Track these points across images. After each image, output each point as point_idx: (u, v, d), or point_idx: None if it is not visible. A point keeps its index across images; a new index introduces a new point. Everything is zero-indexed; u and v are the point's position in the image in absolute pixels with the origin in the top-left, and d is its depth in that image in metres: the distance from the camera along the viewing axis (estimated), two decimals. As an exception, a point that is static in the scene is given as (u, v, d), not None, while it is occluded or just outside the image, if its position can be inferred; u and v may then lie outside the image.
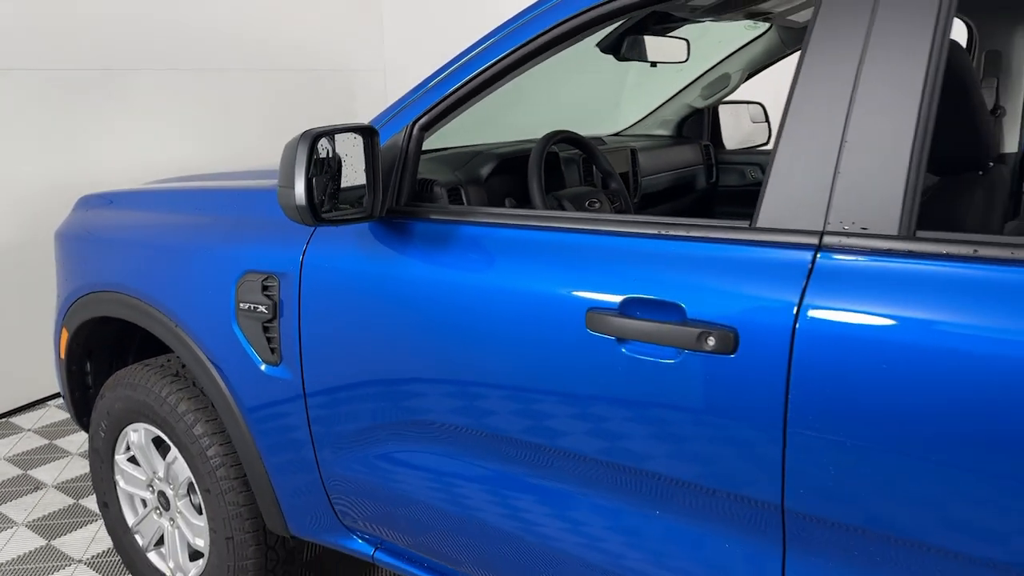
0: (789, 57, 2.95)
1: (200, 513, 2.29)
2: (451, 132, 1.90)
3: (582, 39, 1.63)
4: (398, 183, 1.74)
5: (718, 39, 2.92)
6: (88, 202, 2.57)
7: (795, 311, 1.22)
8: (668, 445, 1.36)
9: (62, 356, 2.58)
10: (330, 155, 1.55)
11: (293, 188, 1.52)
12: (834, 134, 1.24)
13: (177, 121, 4.51)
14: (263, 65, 4.99)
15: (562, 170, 2.44)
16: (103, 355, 2.62)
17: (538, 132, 2.34)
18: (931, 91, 1.18)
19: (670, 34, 2.55)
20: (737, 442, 1.29)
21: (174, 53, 4.48)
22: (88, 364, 2.62)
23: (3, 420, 3.96)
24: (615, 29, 2.36)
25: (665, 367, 1.33)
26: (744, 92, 3.19)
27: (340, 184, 1.55)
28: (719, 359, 1.28)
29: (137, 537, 2.51)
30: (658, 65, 2.39)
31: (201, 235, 2.08)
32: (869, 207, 1.20)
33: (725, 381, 1.28)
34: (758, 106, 3.23)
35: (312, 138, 1.50)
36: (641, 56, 2.23)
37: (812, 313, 1.20)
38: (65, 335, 2.52)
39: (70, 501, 3.15)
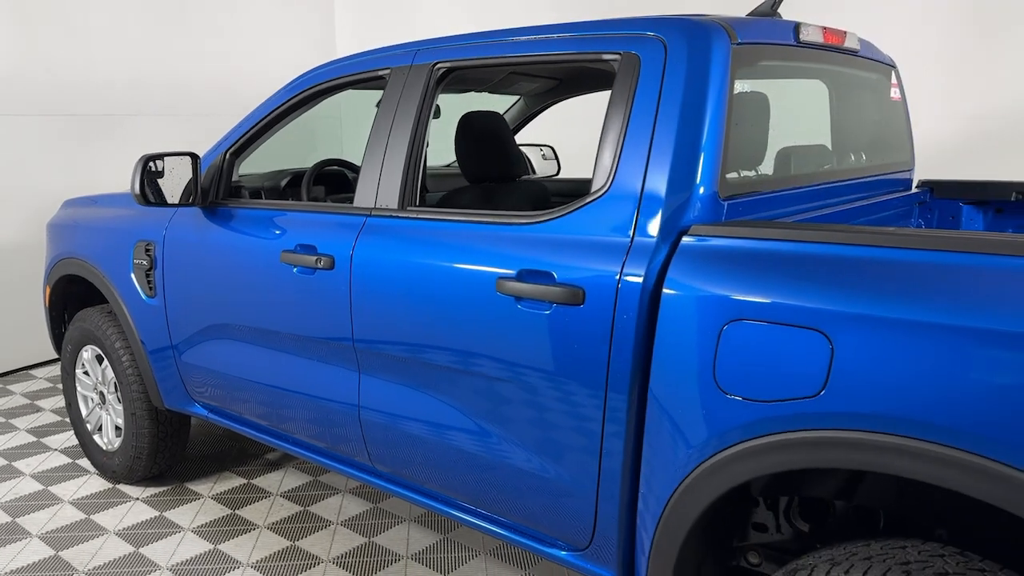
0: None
1: (119, 403, 3.54)
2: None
3: (319, 102, 2.87)
4: (216, 186, 2.99)
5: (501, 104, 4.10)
6: (67, 203, 3.89)
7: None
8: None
9: (47, 305, 3.89)
10: (160, 168, 2.80)
11: (132, 184, 2.78)
12: (380, 158, 2.44)
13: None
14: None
15: (350, 181, 3.64)
16: (74, 306, 3.91)
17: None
18: (419, 141, 2.37)
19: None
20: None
21: (171, 101, 5.86)
22: (64, 313, 3.93)
23: (22, 372, 5.32)
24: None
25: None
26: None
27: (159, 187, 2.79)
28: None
29: (88, 425, 3.78)
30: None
31: (117, 221, 3.36)
32: (391, 198, 2.39)
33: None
34: (549, 148, 4.39)
35: (144, 159, 2.77)
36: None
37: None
38: (48, 291, 3.84)
39: (33, 439, 4.46)
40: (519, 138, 4.28)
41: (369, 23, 7.04)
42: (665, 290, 1.77)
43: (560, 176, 4.45)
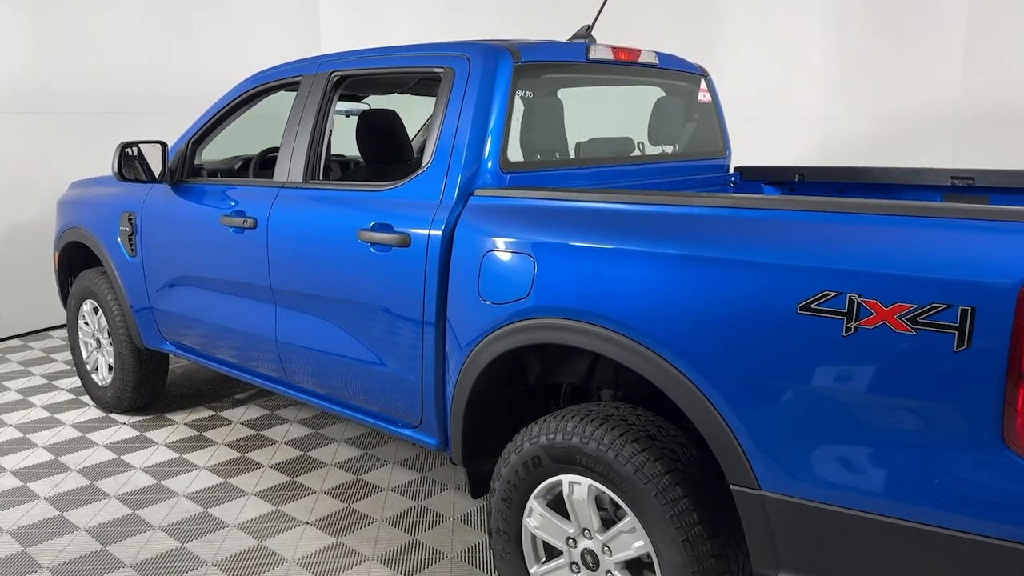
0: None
1: (111, 346, 4.38)
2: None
3: (257, 102, 3.67)
4: (181, 167, 3.81)
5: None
6: (73, 183, 4.74)
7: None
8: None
9: (56, 268, 4.75)
10: (134, 153, 3.63)
11: (112, 165, 3.61)
12: (292, 143, 3.23)
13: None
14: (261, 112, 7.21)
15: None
16: (78, 268, 4.76)
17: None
18: (319, 130, 3.16)
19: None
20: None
21: (172, 100, 6.72)
22: (70, 275, 4.78)
23: (42, 332, 6.21)
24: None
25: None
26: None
27: (140, 165, 3.62)
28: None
29: (87, 366, 4.63)
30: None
31: (109, 196, 4.20)
32: (298, 174, 3.18)
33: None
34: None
35: (121, 145, 3.60)
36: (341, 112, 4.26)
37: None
38: (57, 256, 4.69)
39: (45, 381, 5.33)
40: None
41: (352, 29, 7.86)
42: (456, 234, 2.55)
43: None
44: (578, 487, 2.25)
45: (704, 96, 3.51)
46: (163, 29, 6.74)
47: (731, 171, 3.69)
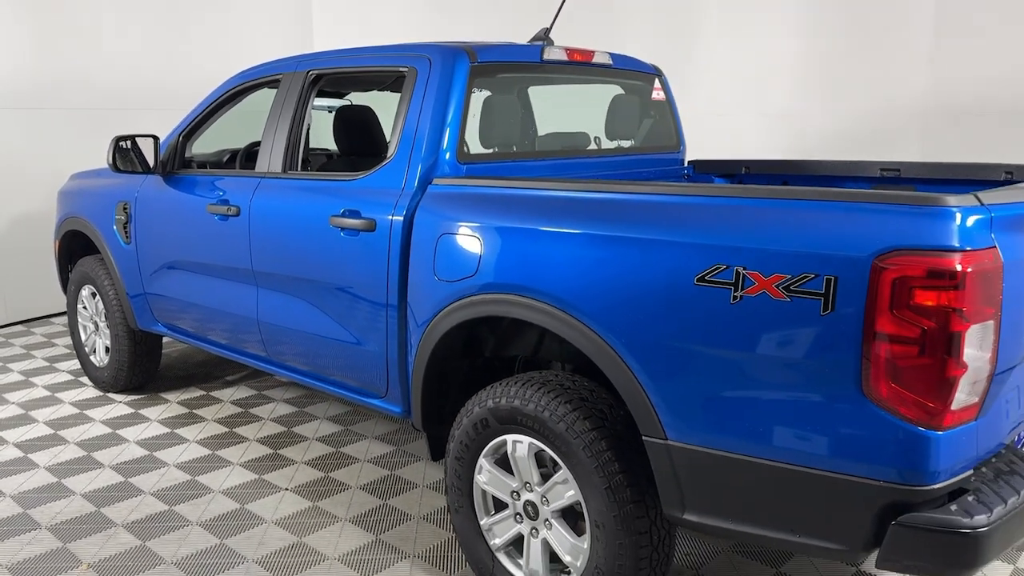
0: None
1: (107, 328, 4.65)
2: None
3: (241, 99, 3.93)
4: (172, 160, 4.07)
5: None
6: (73, 175, 5.01)
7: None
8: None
9: (56, 257, 5.02)
10: (132, 145, 3.89)
11: (107, 157, 3.88)
12: (272, 137, 3.49)
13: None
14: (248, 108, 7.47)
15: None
16: (77, 256, 5.02)
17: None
18: (297, 125, 3.42)
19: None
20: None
21: (172, 96, 6.97)
22: (69, 262, 5.05)
23: (44, 319, 6.49)
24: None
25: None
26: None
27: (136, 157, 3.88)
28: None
29: (86, 348, 4.90)
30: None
31: (106, 187, 4.46)
32: (277, 165, 3.44)
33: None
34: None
35: (115, 138, 3.86)
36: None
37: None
38: (57, 244, 4.96)
39: (46, 363, 5.60)
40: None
41: (345, 29, 8.12)
42: (415, 218, 2.80)
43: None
44: (520, 445, 2.50)
45: (658, 94, 3.75)
46: (161, 29, 7.01)
47: (685, 164, 3.94)
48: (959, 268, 1.70)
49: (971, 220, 1.74)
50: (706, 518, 2.10)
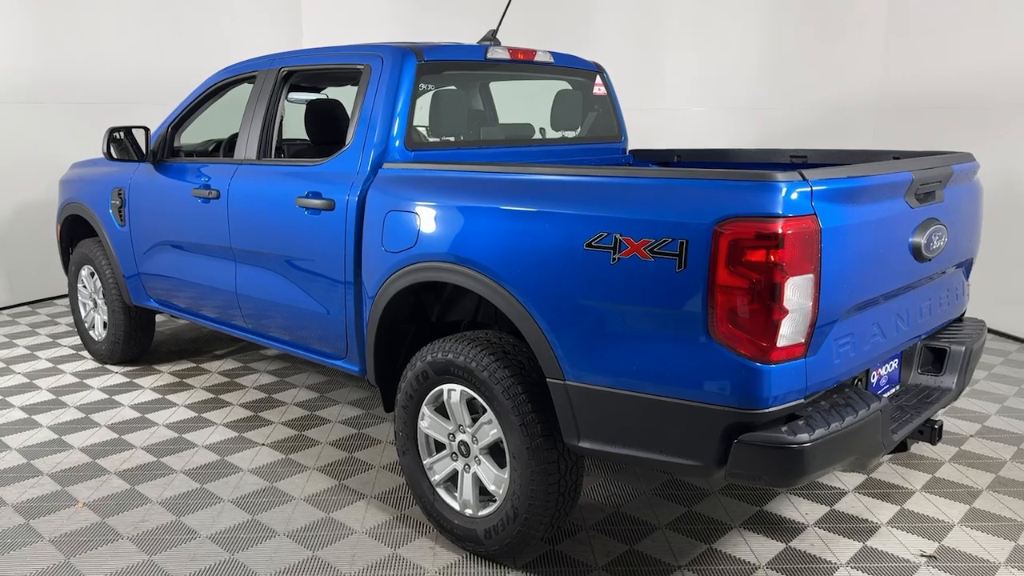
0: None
1: (105, 305, 5.07)
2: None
3: (224, 94, 4.34)
4: (161, 149, 4.47)
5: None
6: (74, 164, 5.42)
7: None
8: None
9: (58, 239, 5.44)
10: (125, 135, 4.29)
11: (102, 146, 4.28)
12: (248, 127, 3.90)
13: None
14: (231, 101, 7.88)
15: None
16: (77, 239, 5.44)
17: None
18: (270, 117, 3.82)
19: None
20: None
21: (166, 91, 7.37)
22: (70, 245, 5.47)
23: (48, 300, 6.92)
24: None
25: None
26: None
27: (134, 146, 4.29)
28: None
29: (85, 324, 5.32)
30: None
31: (104, 174, 4.87)
32: (252, 152, 3.84)
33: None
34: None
35: (109, 129, 4.27)
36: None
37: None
38: (59, 228, 5.38)
39: (50, 340, 6.02)
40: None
41: (334, 26, 8.51)
42: (368, 198, 3.21)
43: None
44: (454, 393, 2.91)
45: (599, 89, 4.15)
46: (156, 26, 7.41)
47: (626, 153, 4.33)
48: (780, 231, 2.09)
49: (795, 193, 2.14)
50: (596, 444, 2.50)
